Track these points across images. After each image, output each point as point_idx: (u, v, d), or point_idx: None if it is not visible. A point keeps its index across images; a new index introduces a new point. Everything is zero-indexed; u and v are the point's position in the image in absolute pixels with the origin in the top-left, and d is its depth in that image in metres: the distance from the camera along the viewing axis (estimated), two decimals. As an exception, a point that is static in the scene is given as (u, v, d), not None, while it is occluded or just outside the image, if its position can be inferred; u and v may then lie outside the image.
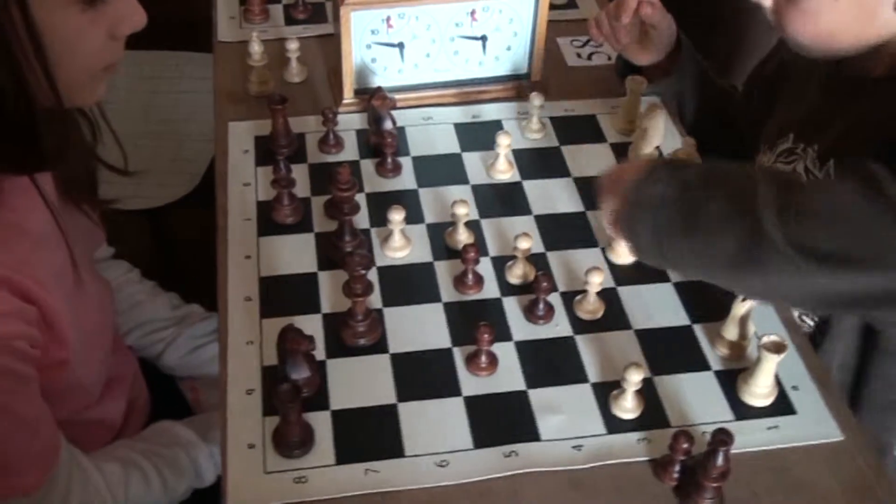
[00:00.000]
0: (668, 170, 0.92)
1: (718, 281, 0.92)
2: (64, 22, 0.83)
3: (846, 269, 0.82)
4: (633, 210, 0.91)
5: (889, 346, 1.13)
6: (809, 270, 0.83)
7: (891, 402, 1.18)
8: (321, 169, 1.23)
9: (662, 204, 0.89)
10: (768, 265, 0.84)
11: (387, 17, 1.26)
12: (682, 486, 0.91)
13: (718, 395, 0.99)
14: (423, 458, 0.92)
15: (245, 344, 1.02)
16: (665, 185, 0.90)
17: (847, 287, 0.83)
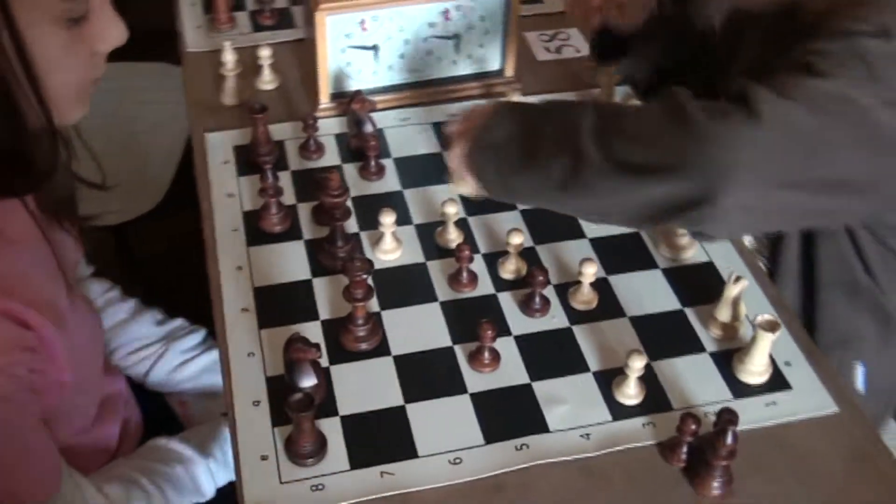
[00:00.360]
0: (509, 110, 1.02)
1: (556, 207, 1.01)
2: (51, 40, 0.83)
3: (654, 178, 0.91)
4: (479, 152, 1.01)
5: (828, 278, 1.17)
6: (626, 183, 0.93)
7: (838, 338, 1.22)
8: (304, 175, 1.23)
9: (504, 143, 1.00)
10: (594, 185, 0.95)
11: (361, 20, 1.26)
12: (690, 467, 0.93)
13: (716, 375, 1.02)
14: (437, 458, 0.94)
15: (246, 356, 1.02)
16: (507, 125, 1.00)
17: (659, 196, 0.91)
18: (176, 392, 1.31)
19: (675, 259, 1.14)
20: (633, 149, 0.93)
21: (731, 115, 0.90)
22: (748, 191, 0.89)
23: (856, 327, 1.22)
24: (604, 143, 0.94)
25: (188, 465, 1.14)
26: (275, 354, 1.02)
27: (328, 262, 1.11)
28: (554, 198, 0.99)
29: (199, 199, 1.20)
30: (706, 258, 1.15)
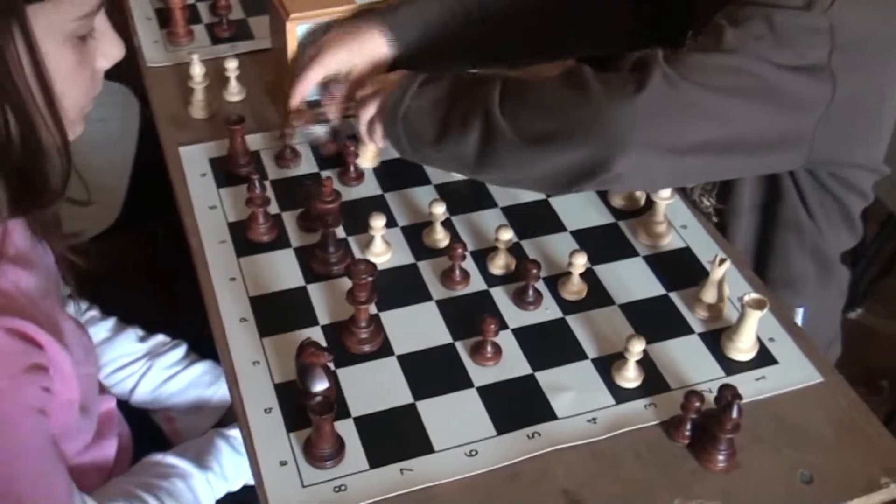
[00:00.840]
0: (419, 84, 1.08)
1: (470, 176, 1.10)
2: (63, 58, 0.84)
3: (555, 148, 1.00)
4: (391, 123, 1.09)
5: (785, 219, 1.24)
6: (532, 153, 1.01)
7: (788, 277, 1.28)
8: (284, 184, 1.24)
9: (417, 117, 1.07)
10: (504, 155, 1.03)
11: (329, 27, 1.28)
12: (695, 443, 0.97)
13: (706, 354, 1.07)
14: (453, 451, 0.96)
15: (251, 364, 1.03)
16: (419, 99, 1.08)
17: (564, 164, 1.00)
18: (162, 408, 1.31)
19: (654, 246, 1.19)
20: (537, 120, 1.01)
21: (622, 88, 0.98)
22: (638, 157, 0.98)
23: (800, 269, 1.29)
24: (512, 115, 1.02)
25: (188, 480, 1.14)
26: (280, 361, 1.03)
27: (321, 268, 1.13)
28: (468, 169, 1.08)
29: (181, 214, 1.20)
30: (683, 244, 1.20)
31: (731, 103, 1.00)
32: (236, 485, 1.17)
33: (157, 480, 1.12)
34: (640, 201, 1.24)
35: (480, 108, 1.04)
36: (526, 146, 1.01)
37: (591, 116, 0.99)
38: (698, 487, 0.95)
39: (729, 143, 1.02)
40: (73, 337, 1.01)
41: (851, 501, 0.95)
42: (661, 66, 0.98)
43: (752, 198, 1.23)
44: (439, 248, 1.17)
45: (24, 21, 0.78)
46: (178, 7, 1.43)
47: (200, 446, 1.18)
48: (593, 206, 1.24)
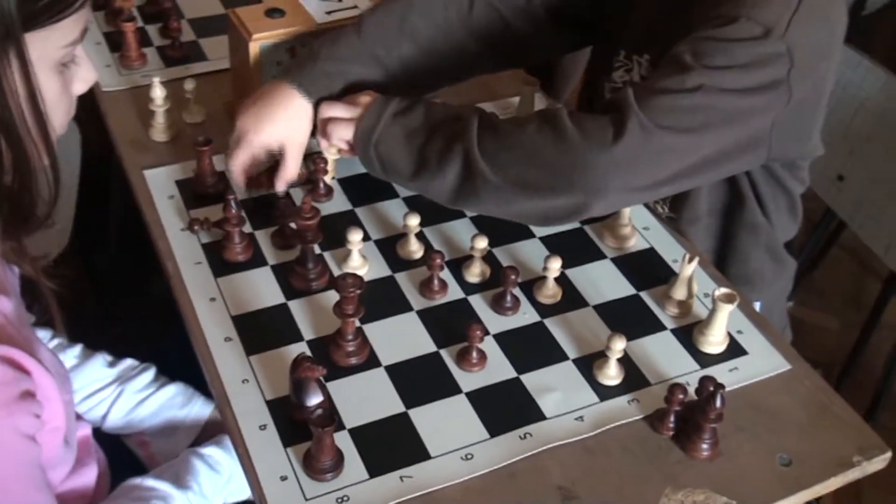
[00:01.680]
0: (394, 113, 1.12)
1: (444, 204, 1.13)
2: (51, 84, 0.86)
3: (538, 194, 1.05)
4: (365, 147, 1.13)
5: (743, 221, 1.29)
6: (513, 195, 1.06)
7: (746, 274, 1.34)
8: (254, 203, 1.25)
9: (390, 145, 1.11)
10: (482, 193, 1.08)
11: (291, 47, 1.29)
12: (679, 434, 1.01)
13: (679, 349, 1.11)
14: (449, 456, 0.98)
15: (241, 383, 1.04)
16: (392, 126, 1.11)
17: (544, 207, 1.06)
18: (136, 432, 1.29)
19: (620, 248, 1.23)
20: (518, 165, 1.05)
21: (601, 136, 1.03)
22: (617, 198, 1.06)
23: (757, 266, 1.35)
24: (492, 157, 1.06)
25: (169, 501, 1.13)
26: (270, 378, 1.04)
27: (301, 284, 1.14)
28: (444, 201, 1.12)
29: (153, 238, 1.20)
30: (647, 245, 1.24)
31: (701, 138, 1.06)
32: (215, 503, 1.17)
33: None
34: (604, 205, 1.28)
35: (459, 145, 1.07)
36: (506, 188, 1.06)
37: (571, 166, 1.03)
38: (685, 476, 0.99)
39: (698, 166, 1.08)
40: (50, 363, 1.00)
41: (828, 480, 1.00)
42: (636, 114, 1.02)
43: (710, 204, 1.29)
44: (414, 259, 1.19)
45: (20, 48, 0.78)
46: (131, 30, 1.43)
47: (177, 467, 1.18)
48: (559, 212, 1.28)
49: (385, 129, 1.11)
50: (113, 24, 1.52)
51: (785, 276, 1.39)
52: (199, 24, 1.56)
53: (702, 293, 1.17)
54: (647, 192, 1.08)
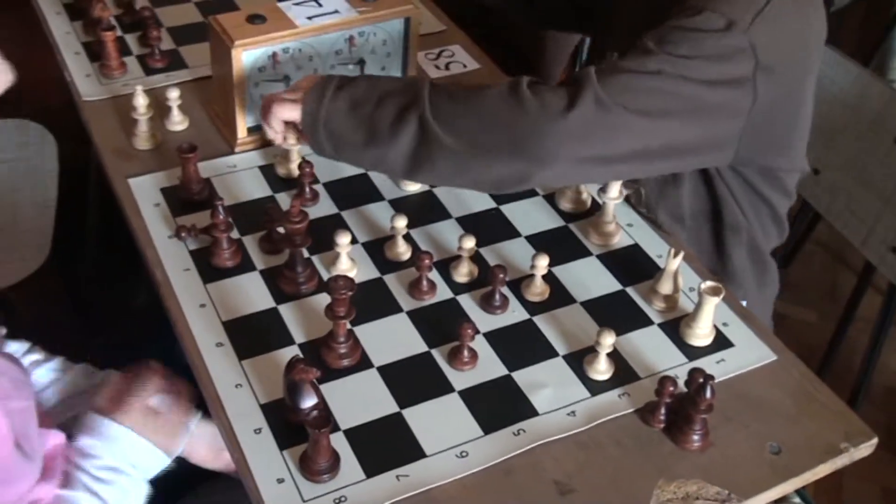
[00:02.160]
0: (335, 87, 1.12)
1: (396, 177, 1.15)
2: None
3: (492, 158, 1.07)
4: (313, 128, 1.13)
5: (724, 220, 1.30)
6: (467, 160, 1.07)
7: (729, 272, 1.34)
8: (238, 209, 1.25)
9: (338, 120, 1.11)
10: (436, 159, 1.08)
11: (273, 53, 1.30)
12: (670, 426, 1.03)
13: (667, 343, 1.13)
14: (444, 454, 0.99)
15: (234, 388, 1.04)
16: (336, 101, 1.11)
17: (496, 172, 1.08)
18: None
19: (605, 245, 1.24)
20: (474, 130, 1.07)
21: (556, 105, 1.05)
22: (567, 168, 1.07)
23: (739, 264, 1.36)
24: (447, 122, 1.07)
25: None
26: (263, 382, 1.04)
27: (290, 288, 1.14)
28: (398, 172, 1.12)
29: (141, 246, 1.20)
30: (632, 241, 1.26)
31: (658, 123, 1.08)
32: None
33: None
34: (587, 204, 1.29)
35: (412, 113, 1.08)
36: (461, 153, 1.07)
37: (525, 131, 1.05)
38: (678, 467, 1.00)
39: (656, 151, 1.10)
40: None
41: (817, 467, 1.02)
42: (593, 86, 1.05)
43: (692, 206, 1.30)
44: (402, 260, 1.19)
45: None
46: (111, 39, 1.42)
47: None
48: (543, 212, 1.29)
49: (330, 104, 1.12)
50: (92, 33, 1.51)
51: (769, 279, 1.40)
52: (178, 33, 1.56)
53: (687, 287, 1.18)
54: (598, 165, 1.08)
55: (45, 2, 1.61)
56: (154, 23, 1.52)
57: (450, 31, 1.64)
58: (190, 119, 1.39)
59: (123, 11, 1.58)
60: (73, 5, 1.60)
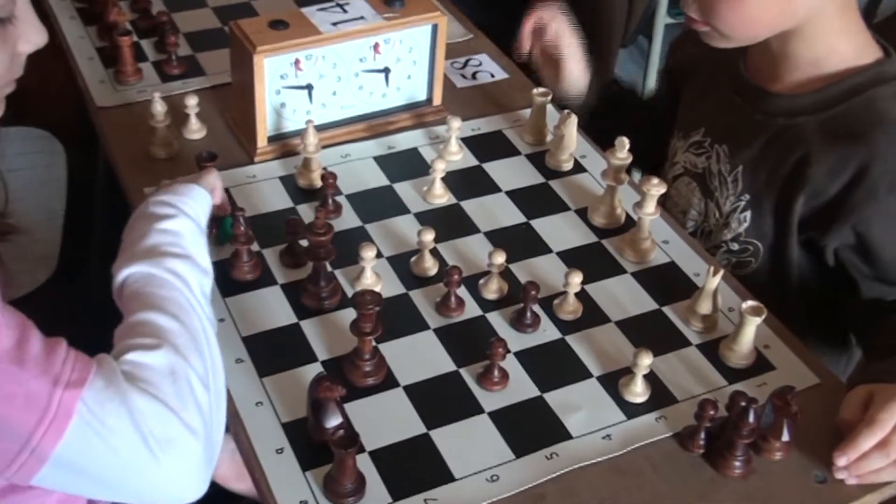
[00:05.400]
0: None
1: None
2: None
3: None
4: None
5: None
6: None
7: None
8: (258, 220, 1.27)
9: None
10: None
11: (295, 59, 1.32)
12: (710, 451, 1.03)
13: (706, 365, 1.13)
14: (474, 478, 1.00)
15: (255, 405, 1.05)
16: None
17: None
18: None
19: (641, 262, 1.25)
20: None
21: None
22: None
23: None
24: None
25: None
26: (285, 400, 1.05)
27: (313, 303, 1.15)
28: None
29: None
30: (668, 258, 1.27)
31: None
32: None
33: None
34: (621, 219, 1.30)
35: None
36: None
37: None
38: (719, 495, 1.01)
39: None
40: None
41: (865, 497, 1.02)
42: None
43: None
44: (429, 276, 1.21)
45: None
46: (127, 45, 1.45)
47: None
48: (575, 227, 1.30)
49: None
50: (106, 38, 1.54)
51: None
52: (195, 38, 1.58)
53: (726, 307, 1.19)
54: None
55: (59, 5, 1.64)
56: (171, 28, 1.54)
57: (477, 39, 1.66)
58: (208, 127, 1.41)
59: (139, 16, 1.60)
60: (87, 10, 1.62)
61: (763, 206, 1.30)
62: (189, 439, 0.85)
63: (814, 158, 1.23)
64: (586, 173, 1.39)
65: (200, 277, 1.02)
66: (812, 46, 1.24)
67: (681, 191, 1.42)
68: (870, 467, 1.01)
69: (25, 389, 0.81)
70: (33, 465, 0.82)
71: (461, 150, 1.40)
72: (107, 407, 0.83)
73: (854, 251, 1.24)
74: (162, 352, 0.89)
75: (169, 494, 0.87)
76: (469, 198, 1.33)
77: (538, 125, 1.43)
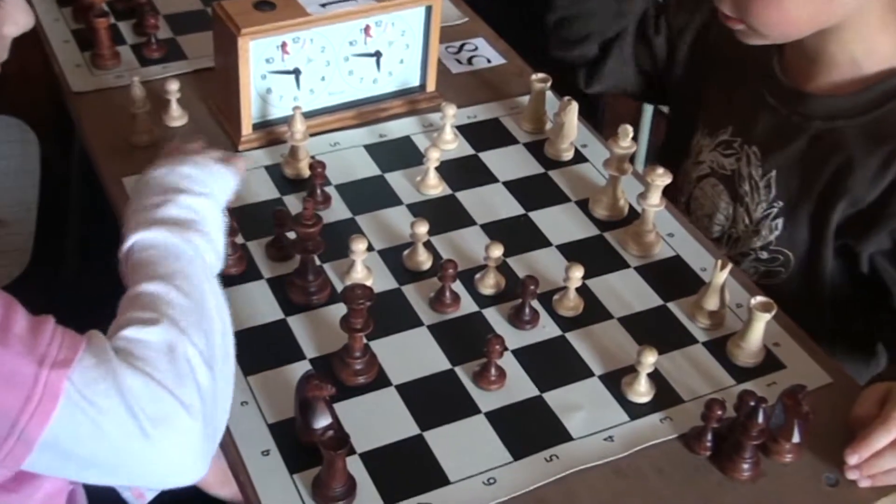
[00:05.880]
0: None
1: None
2: None
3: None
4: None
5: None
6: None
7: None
8: (243, 212, 1.25)
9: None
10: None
11: (282, 43, 1.30)
12: (717, 453, 1.03)
13: (713, 363, 1.12)
14: (470, 481, 0.99)
15: (240, 405, 1.04)
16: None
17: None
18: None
19: (645, 256, 1.25)
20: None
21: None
22: None
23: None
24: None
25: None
26: (271, 400, 1.04)
27: (300, 298, 1.14)
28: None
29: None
30: (673, 252, 1.26)
31: None
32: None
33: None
34: (624, 211, 1.29)
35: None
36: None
37: None
38: (726, 499, 1.00)
39: None
40: None
41: (878, 501, 1.01)
42: None
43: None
44: (422, 270, 1.20)
45: None
46: (104, 27, 1.43)
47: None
48: (576, 219, 1.29)
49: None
50: (82, 20, 1.52)
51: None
52: (176, 21, 1.57)
53: (734, 303, 1.18)
54: None
55: (32, -14, 1.63)
56: (150, 10, 1.53)
57: (472, 22, 1.65)
58: (189, 114, 1.39)
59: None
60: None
61: (798, 214, 1.29)
62: (184, 417, 0.84)
63: (855, 165, 1.23)
64: (587, 163, 1.38)
65: (215, 261, 1.00)
66: (851, 46, 1.23)
67: (706, 192, 1.40)
68: (883, 467, 1.01)
69: (9, 369, 0.80)
70: (21, 450, 0.81)
71: (456, 139, 1.39)
72: (96, 387, 0.81)
73: (890, 258, 1.23)
74: (161, 328, 0.87)
75: (165, 474, 0.86)
76: (465, 188, 1.32)
77: (537, 112, 1.42)
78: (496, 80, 1.52)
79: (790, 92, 1.30)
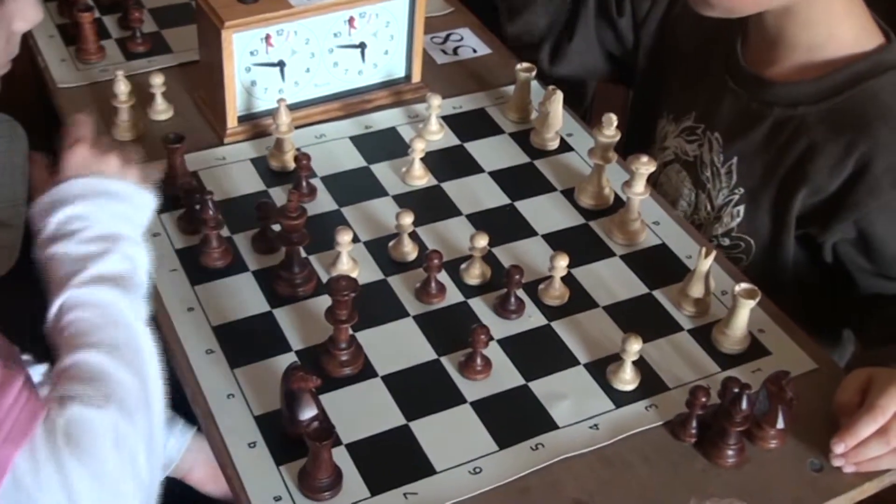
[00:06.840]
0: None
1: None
2: None
3: None
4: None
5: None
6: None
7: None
8: (229, 204, 1.26)
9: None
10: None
11: (266, 35, 1.31)
12: (702, 440, 1.04)
13: (698, 351, 1.14)
14: (456, 470, 1.00)
15: (226, 398, 1.05)
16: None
17: None
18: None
19: (630, 245, 1.26)
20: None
21: None
22: None
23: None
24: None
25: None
26: (257, 392, 1.05)
27: (286, 291, 1.15)
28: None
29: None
30: (658, 240, 1.27)
31: None
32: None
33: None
34: (610, 199, 1.31)
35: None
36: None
37: None
38: (711, 485, 1.01)
39: None
40: None
41: (863, 486, 1.03)
42: None
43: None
44: (408, 261, 1.21)
45: None
46: (88, 21, 1.44)
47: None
48: (562, 208, 1.30)
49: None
50: (67, 14, 1.53)
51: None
52: (161, 14, 1.57)
53: (719, 291, 1.20)
54: None
55: (16, -20, 1.63)
56: (135, 4, 1.53)
57: (458, 12, 1.65)
58: (174, 107, 1.40)
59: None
60: (46, -16, 1.62)
61: (759, 200, 1.30)
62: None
63: (817, 152, 1.23)
64: (573, 152, 1.39)
65: (145, 307, 0.95)
66: (812, 31, 1.23)
67: (671, 178, 1.41)
68: (868, 455, 1.02)
69: None
70: None
71: (442, 129, 1.40)
72: (41, 473, 0.80)
73: (854, 246, 1.24)
74: (108, 413, 0.84)
75: None
76: (450, 179, 1.33)
77: (522, 102, 1.43)
78: (482, 71, 1.53)
79: (752, 77, 1.30)
